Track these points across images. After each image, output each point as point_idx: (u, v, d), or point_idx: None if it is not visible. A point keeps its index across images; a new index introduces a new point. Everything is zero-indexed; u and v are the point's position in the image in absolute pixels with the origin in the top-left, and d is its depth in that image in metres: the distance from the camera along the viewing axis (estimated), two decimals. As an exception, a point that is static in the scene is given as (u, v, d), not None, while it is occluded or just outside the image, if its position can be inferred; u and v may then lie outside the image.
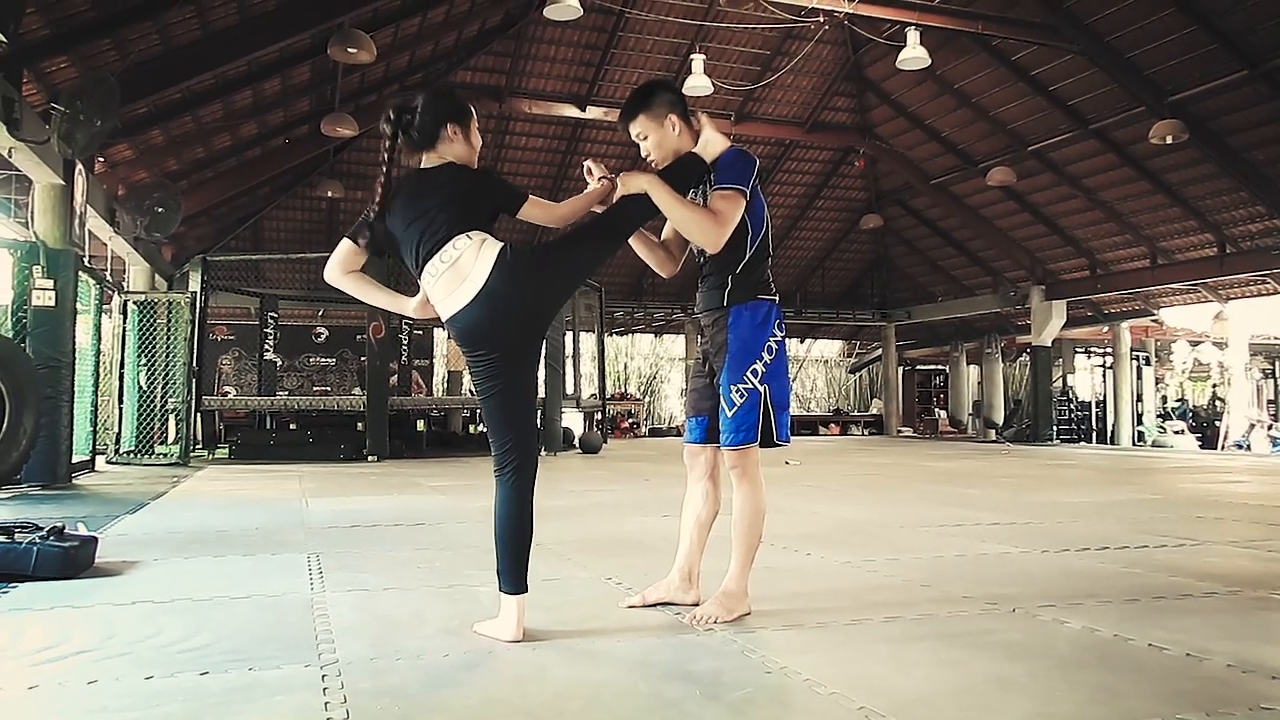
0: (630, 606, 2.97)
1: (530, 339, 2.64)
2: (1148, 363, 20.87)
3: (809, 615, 2.89)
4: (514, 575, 2.54)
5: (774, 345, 2.83)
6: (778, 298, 2.91)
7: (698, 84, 13.09)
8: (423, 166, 2.65)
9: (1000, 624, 2.78)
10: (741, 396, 2.78)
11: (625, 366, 24.20)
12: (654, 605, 2.96)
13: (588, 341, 15.70)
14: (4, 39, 5.91)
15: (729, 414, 2.79)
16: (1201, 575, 3.59)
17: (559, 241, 2.74)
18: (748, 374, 2.78)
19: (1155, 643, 2.54)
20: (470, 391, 19.76)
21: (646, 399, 24.08)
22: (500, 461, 2.58)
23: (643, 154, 2.98)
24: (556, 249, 2.72)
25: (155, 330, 10.81)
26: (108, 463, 10.08)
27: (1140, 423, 19.87)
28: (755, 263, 2.86)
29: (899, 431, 22.43)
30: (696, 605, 2.89)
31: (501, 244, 2.54)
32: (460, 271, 2.51)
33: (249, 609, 2.97)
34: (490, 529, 2.58)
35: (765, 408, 2.79)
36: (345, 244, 2.71)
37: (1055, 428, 18.40)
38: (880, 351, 23.43)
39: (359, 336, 15.97)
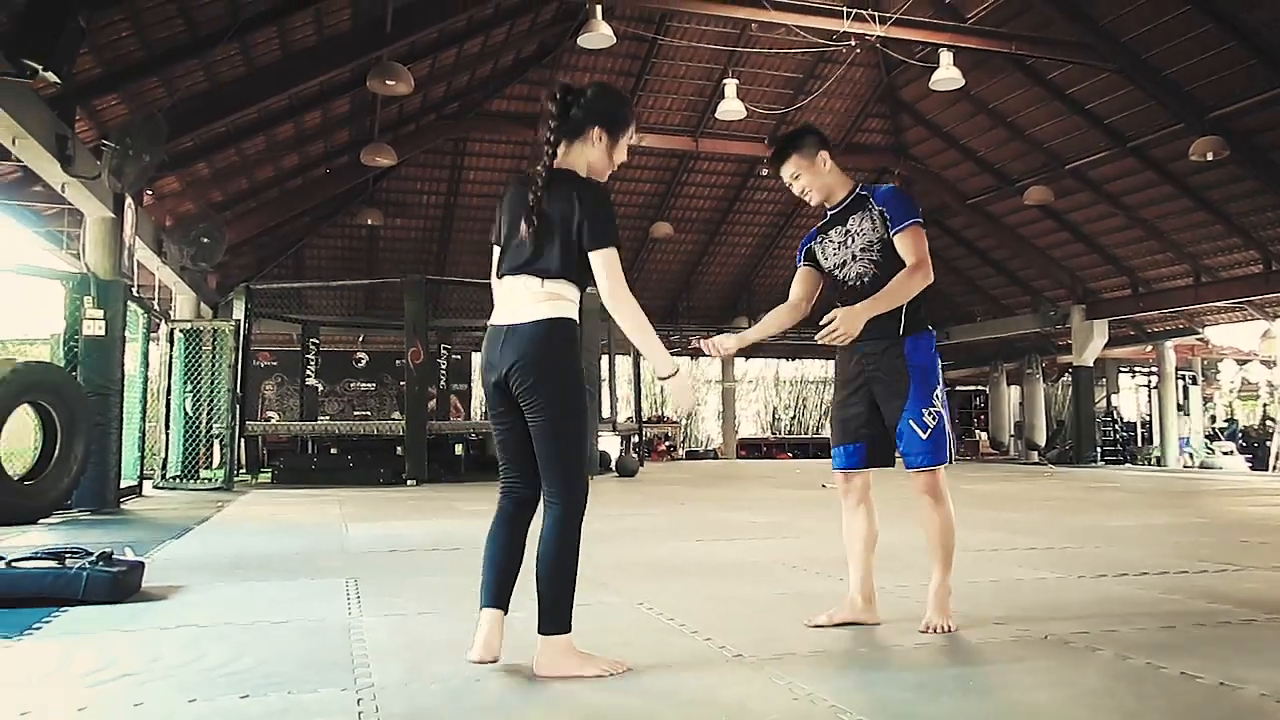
0: (815, 626, 3.05)
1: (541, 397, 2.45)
2: (1194, 382, 20.47)
3: (838, 640, 2.89)
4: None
5: (941, 374, 3.06)
6: (934, 331, 3.13)
7: (731, 108, 13.22)
8: (552, 164, 2.51)
9: (1030, 651, 2.76)
10: (933, 419, 2.94)
11: (661, 389, 24.20)
12: (840, 625, 3.05)
13: (624, 365, 15.78)
14: (58, 79, 6.13)
15: (923, 436, 2.93)
16: (1241, 602, 3.53)
17: (565, 400, 2.47)
18: (934, 397, 2.97)
19: (1188, 671, 2.51)
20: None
21: (684, 422, 24.07)
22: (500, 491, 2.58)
23: (797, 192, 3.13)
24: (560, 399, 2.46)
25: (200, 357, 11.07)
26: (155, 488, 10.31)
27: (1187, 443, 19.48)
28: (923, 293, 3.01)
29: (938, 453, 22.17)
30: (878, 625, 3.05)
31: (561, 316, 2.44)
32: (516, 304, 2.48)
33: (288, 633, 3.04)
34: (530, 552, 2.59)
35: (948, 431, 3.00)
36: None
37: (1099, 449, 18.10)
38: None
39: (398, 361, 16.19)
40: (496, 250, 2.62)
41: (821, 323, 2.83)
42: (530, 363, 2.42)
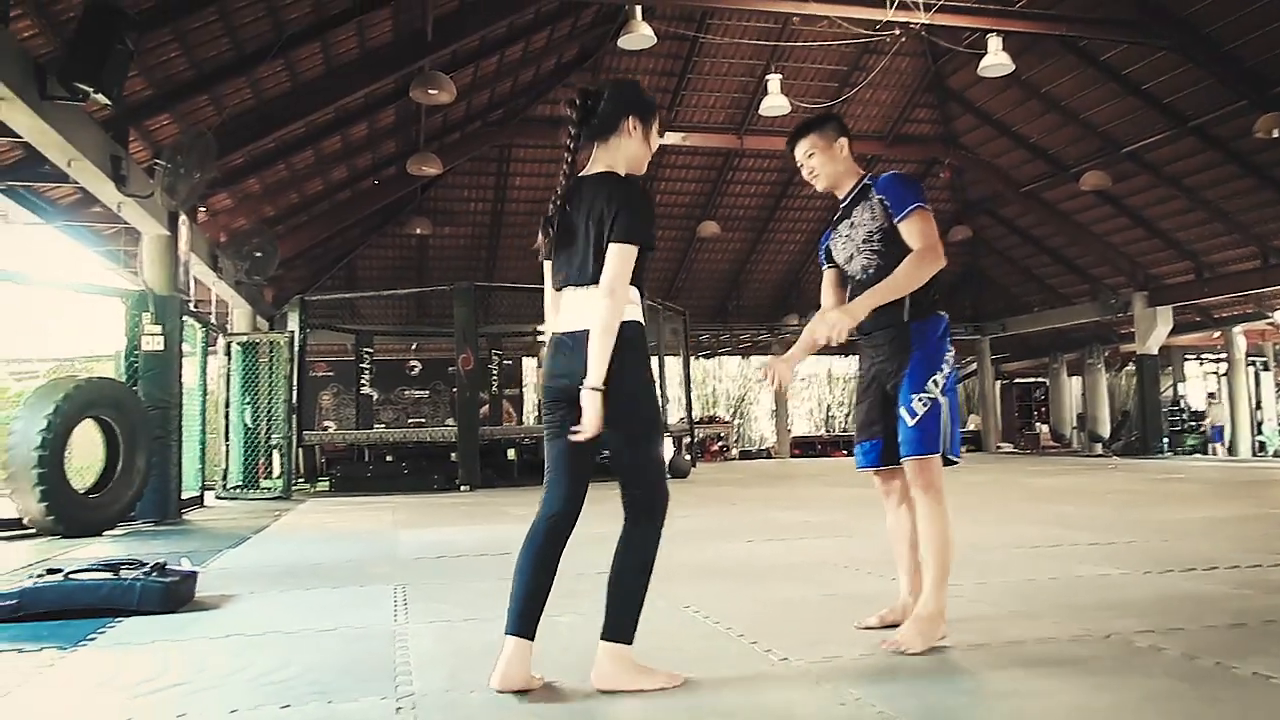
0: (865, 628, 2.96)
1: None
2: (1266, 368, 19.76)
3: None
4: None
5: (950, 359, 2.86)
6: (947, 316, 2.93)
7: (775, 104, 13.08)
8: (583, 174, 2.50)
9: (1092, 651, 2.65)
10: (924, 405, 2.77)
11: (713, 390, 24.14)
12: (890, 627, 2.92)
13: (674, 365, 15.72)
14: (109, 101, 6.28)
15: (911, 422, 2.77)
16: (1319, 596, 3.37)
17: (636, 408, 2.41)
18: (930, 383, 2.79)
19: (1261, 671, 2.38)
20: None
21: (736, 421, 23.95)
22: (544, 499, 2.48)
23: (806, 174, 3.04)
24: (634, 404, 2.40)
25: (258, 369, 11.28)
26: (217, 498, 10.52)
27: (1260, 431, 18.81)
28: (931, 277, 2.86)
29: (999, 448, 21.74)
30: None
31: (625, 320, 2.35)
32: (579, 312, 2.41)
33: (334, 641, 3.05)
34: (577, 557, 2.55)
35: (943, 421, 2.78)
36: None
37: (1166, 438, 17.56)
38: (975, 366, 22.82)
39: (450, 368, 16.32)
40: (546, 265, 2.56)
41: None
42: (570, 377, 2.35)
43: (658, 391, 2.53)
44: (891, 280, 2.76)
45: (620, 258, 2.34)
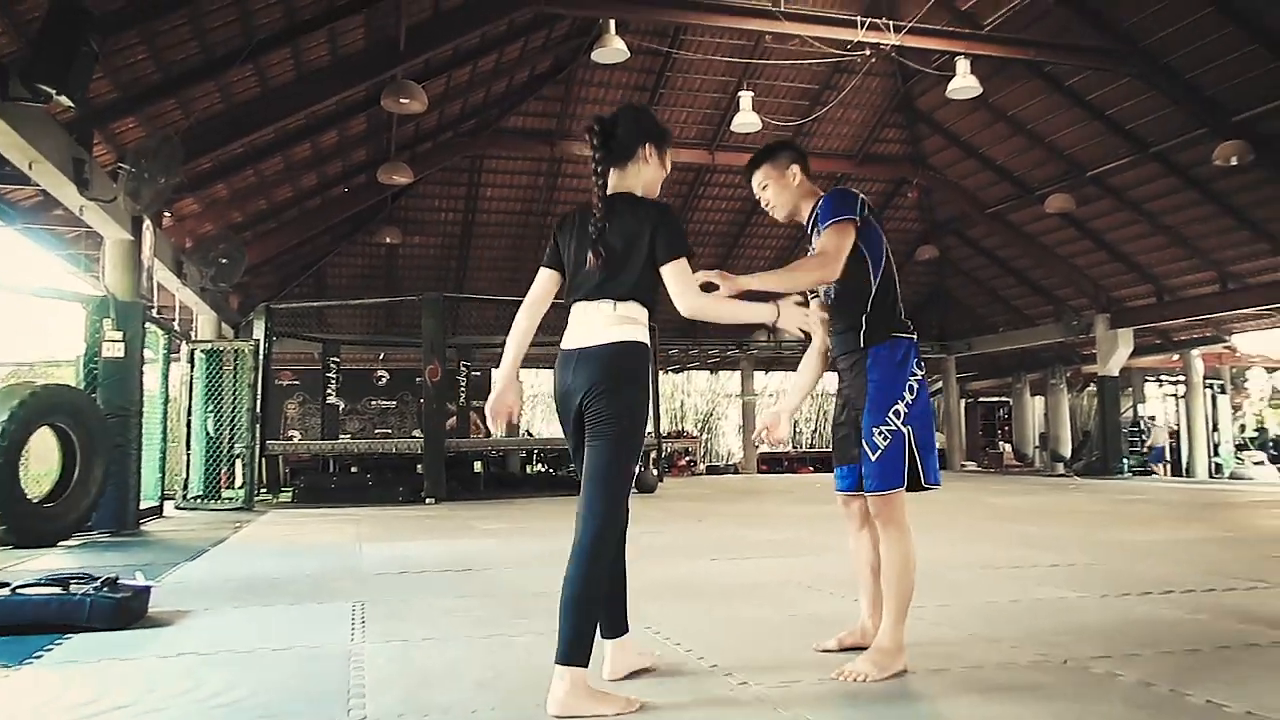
0: (824, 650, 2.93)
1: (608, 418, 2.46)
2: (1223, 390, 20.14)
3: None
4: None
5: (915, 385, 2.78)
6: (915, 335, 2.86)
7: (746, 121, 13.17)
8: (606, 193, 2.57)
9: (1049, 677, 2.67)
10: (885, 439, 2.71)
11: (681, 404, 24.17)
12: (848, 650, 2.90)
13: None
14: (72, 103, 6.18)
15: (873, 458, 2.72)
16: (1273, 622, 3.41)
17: (622, 426, 2.46)
18: (890, 415, 2.73)
19: (1214, 699, 2.41)
20: (528, 433, 19.91)
21: (704, 436, 23.97)
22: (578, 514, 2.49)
23: (764, 204, 3.04)
24: (622, 421, 2.46)
25: (221, 377, 11.11)
26: (176, 508, 10.32)
27: (1217, 453, 19.14)
28: (884, 296, 2.82)
29: (962, 466, 21.93)
30: None
31: (633, 340, 2.47)
32: (589, 329, 2.49)
33: (288, 661, 2.99)
34: (539, 573, 2.55)
35: (910, 450, 2.73)
36: (546, 273, 2.64)
37: (1126, 459, 17.81)
38: (940, 384, 23.04)
39: (419, 379, 16.19)
40: (543, 272, 2.64)
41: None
42: (602, 384, 2.43)
43: (648, 416, 2.58)
44: (774, 271, 2.74)
45: (680, 273, 2.46)
